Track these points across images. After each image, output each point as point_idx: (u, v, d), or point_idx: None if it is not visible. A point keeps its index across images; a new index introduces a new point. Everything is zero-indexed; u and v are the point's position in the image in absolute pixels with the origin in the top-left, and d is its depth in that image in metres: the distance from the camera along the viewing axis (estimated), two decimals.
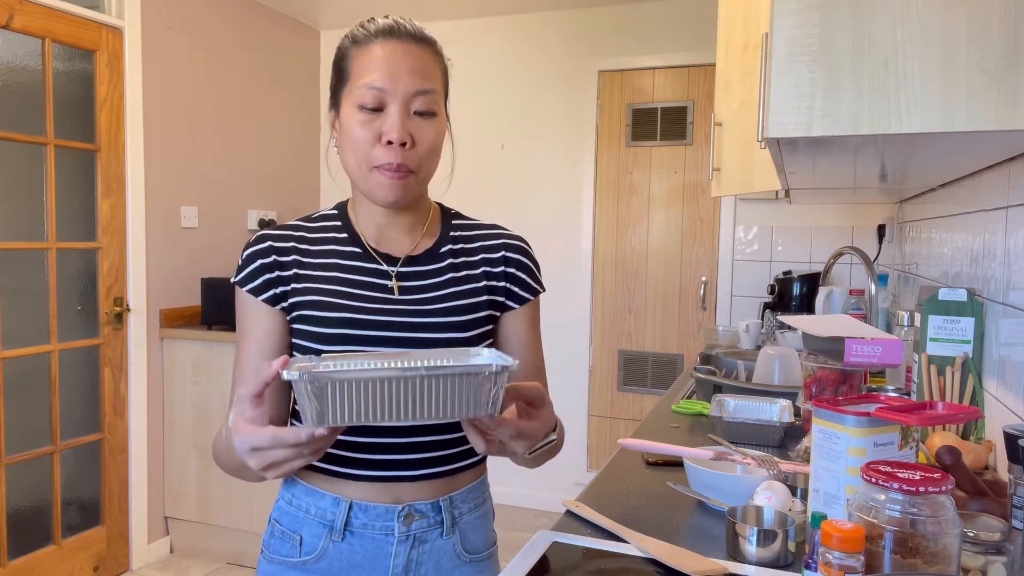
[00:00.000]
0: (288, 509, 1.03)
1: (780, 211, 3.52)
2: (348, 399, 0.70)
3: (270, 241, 1.01)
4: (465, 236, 1.09)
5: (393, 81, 0.93)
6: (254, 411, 0.78)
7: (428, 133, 0.96)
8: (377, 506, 0.99)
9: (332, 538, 0.99)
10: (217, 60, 3.49)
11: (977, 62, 0.89)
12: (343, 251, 1.02)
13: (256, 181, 3.77)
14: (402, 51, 0.94)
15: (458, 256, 1.06)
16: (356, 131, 0.95)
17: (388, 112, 0.94)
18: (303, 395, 0.70)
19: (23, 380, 2.73)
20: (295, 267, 1.00)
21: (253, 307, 1.00)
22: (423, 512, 1.00)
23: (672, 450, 1.30)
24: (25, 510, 2.75)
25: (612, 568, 0.96)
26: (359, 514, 0.99)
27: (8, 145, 2.66)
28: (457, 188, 4.05)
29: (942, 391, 1.42)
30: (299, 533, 1.01)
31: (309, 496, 1.01)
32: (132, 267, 3.09)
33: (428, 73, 0.96)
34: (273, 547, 1.03)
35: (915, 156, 1.28)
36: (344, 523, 0.98)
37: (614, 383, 3.86)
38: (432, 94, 0.96)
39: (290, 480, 1.04)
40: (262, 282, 1.00)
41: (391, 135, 0.93)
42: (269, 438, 0.76)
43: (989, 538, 0.88)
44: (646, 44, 3.69)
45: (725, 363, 2.43)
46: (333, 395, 0.70)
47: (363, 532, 0.99)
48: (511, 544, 3.62)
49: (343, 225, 1.05)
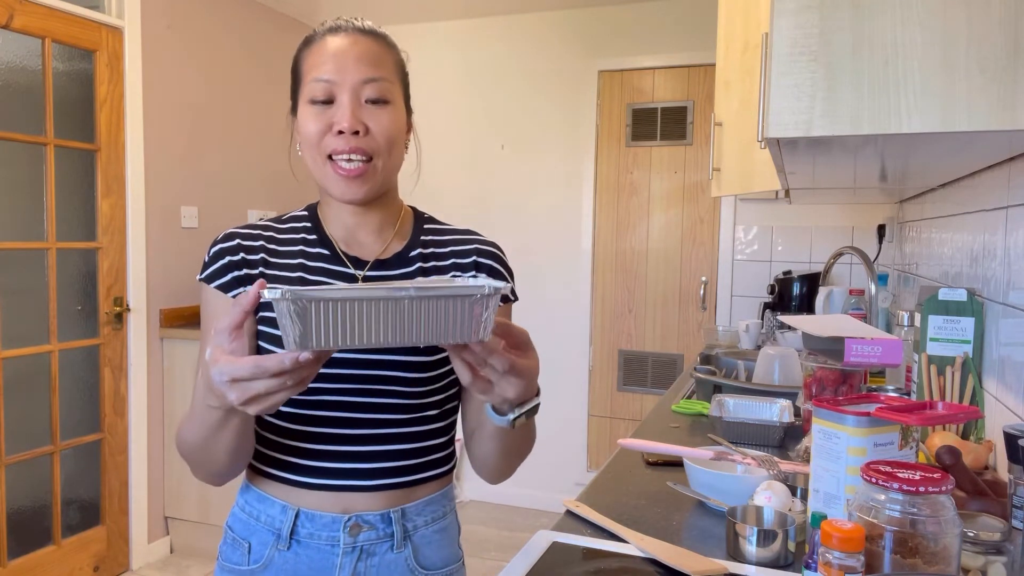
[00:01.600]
0: (240, 515, 1.01)
1: (780, 211, 3.52)
2: (333, 320, 0.66)
3: (238, 239, 0.99)
4: (437, 241, 1.05)
5: (341, 72, 0.92)
6: (232, 343, 0.73)
7: (382, 120, 0.94)
8: (324, 515, 0.95)
9: (278, 547, 0.96)
10: (217, 60, 3.49)
11: (977, 62, 0.89)
12: (311, 252, 1.00)
13: (256, 181, 3.77)
14: (349, 42, 0.94)
15: (428, 260, 1.02)
16: (309, 125, 0.93)
17: (338, 103, 0.93)
18: (285, 316, 0.65)
19: (23, 380, 2.73)
20: (262, 266, 0.98)
21: (221, 304, 0.97)
22: (371, 523, 0.96)
23: (672, 450, 1.30)
24: (25, 510, 2.75)
25: (612, 568, 0.96)
26: (305, 523, 0.96)
27: (8, 145, 2.66)
28: (457, 188, 4.06)
29: (942, 391, 1.42)
30: (248, 540, 0.99)
31: (260, 503, 0.98)
32: (132, 267, 3.09)
33: (377, 62, 0.95)
34: (225, 554, 1.01)
35: (915, 156, 1.28)
36: (290, 531, 0.96)
37: (614, 383, 3.86)
38: (382, 82, 0.94)
39: (245, 487, 1.02)
40: (231, 279, 0.97)
41: (341, 124, 0.92)
42: (250, 367, 0.70)
43: (989, 538, 0.88)
44: (646, 44, 3.69)
45: (725, 363, 2.43)
46: (317, 316, 0.66)
47: (308, 542, 0.96)
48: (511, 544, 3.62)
49: (312, 226, 1.03)
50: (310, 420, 0.95)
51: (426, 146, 4.02)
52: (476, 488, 4.06)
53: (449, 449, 1.05)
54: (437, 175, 4.06)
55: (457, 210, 4.04)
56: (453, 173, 4.05)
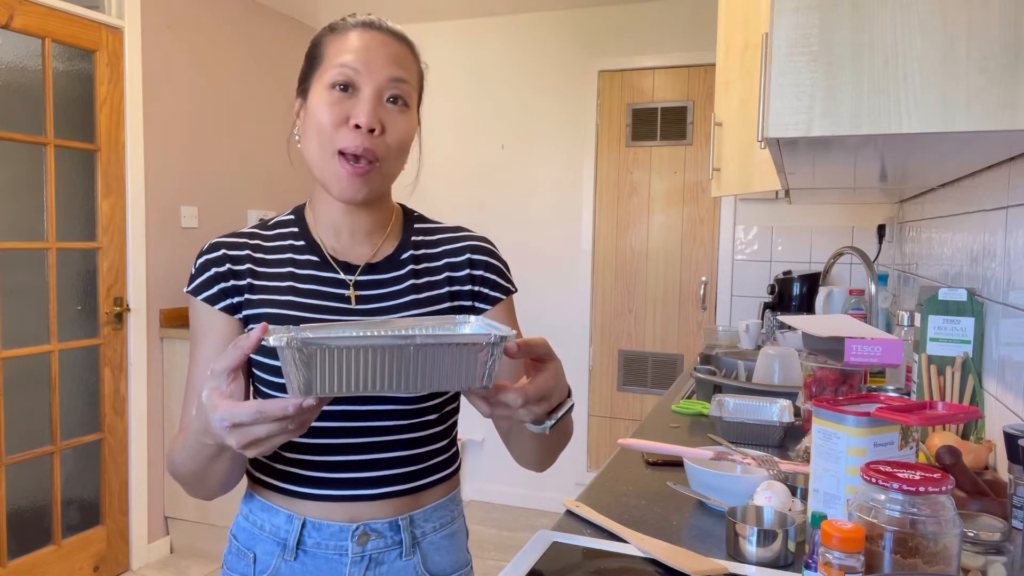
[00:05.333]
0: (244, 525, 0.99)
1: (780, 211, 3.52)
2: (338, 367, 0.66)
3: (224, 249, 0.97)
4: (428, 241, 1.03)
5: (368, 65, 0.90)
6: (230, 386, 0.72)
7: (399, 123, 0.92)
8: (331, 524, 0.94)
9: (285, 557, 0.95)
10: (217, 60, 3.49)
11: (977, 62, 0.89)
12: (299, 259, 0.98)
13: (256, 181, 3.77)
14: (380, 41, 0.92)
15: (420, 262, 1.00)
16: (323, 112, 0.90)
17: (360, 96, 0.90)
18: (289, 363, 0.65)
19: (23, 380, 2.73)
20: (249, 276, 0.96)
21: (208, 316, 0.96)
22: (379, 531, 0.95)
23: (672, 450, 1.30)
24: (25, 510, 2.75)
25: (612, 568, 0.96)
26: (312, 532, 0.94)
27: (8, 145, 2.66)
28: (457, 188, 4.06)
29: (942, 391, 1.42)
30: (253, 550, 0.97)
31: (265, 512, 0.97)
32: (132, 267, 3.09)
33: (404, 65, 0.94)
34: (230, 563, 1.00)
35: (915, 156, 1.28)
36: (297, 541, 0.94)
37: (614, 383, 3.86)
38: (407, 84, 0.93)
39: (248, 495, 1.01)
40: (218, 291, 0.95)
41: (360, 118, 0.89)
42: (252, 412, 0.69)
43: (989, 538, 0.88)
44: (646, 44, 3.70)
45: (725, 363, 2.43)
46: (322, 363, 0.66)
47: (316, 551, 0.94)
48: (511, 544, 3.62)
49: (300, 232, 1.00)
50: (313, 432, 0.94)
51: (426, 146, 4.02)
52: (476, 488, 4.06)
53: (452, 451, 1.04)
54: (437, 175, 4.06)
55: (457, 210, 4.04)
56: (453, 173, 4.05)
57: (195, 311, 0.97)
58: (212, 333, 0.95)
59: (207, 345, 0.95)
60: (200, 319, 0.97)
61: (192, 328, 0.98)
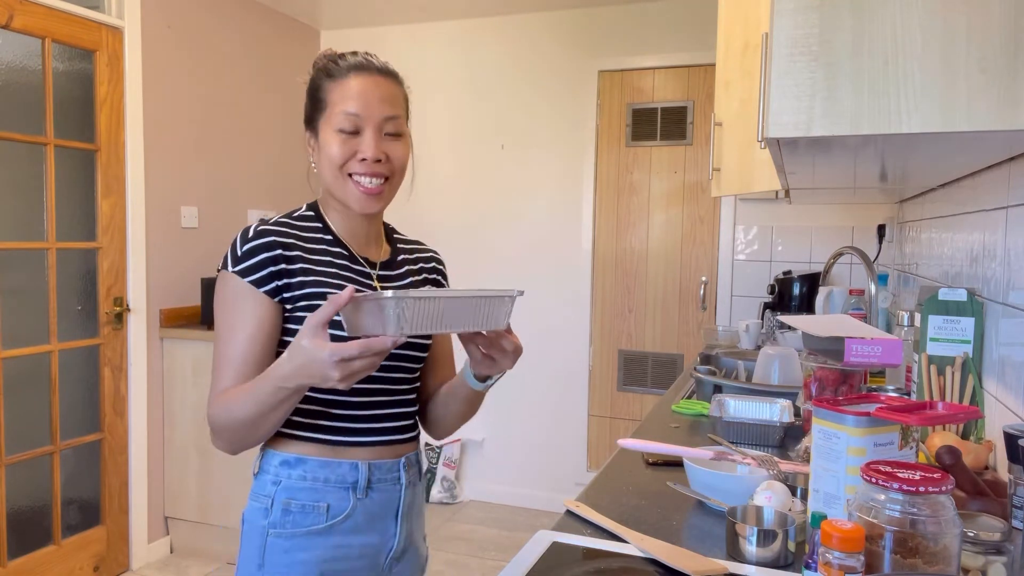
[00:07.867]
0: (304, 484, 1.12)
1: (780, 211, 3.52)
2: (422, 314, 0.89)
3: (273, 236, 1.11)
4: (406, 248, 1.29)
5: (367, 108, 1.11)
6: (324, 332, 0.92)
7: (398, 150, 1.14)
8: (387, 462, 1.16)
9: (357, 496, 1.13)
10: (217, 60, 3.49)
11: (977, 62, 0.89)
12: (332, 251, 1.16)
13: (256, 181, 3.77)
14: (373, 83, 1.12)
15: (414, 264, 1.27)
16: (335, 150, 1.11)
17: (364, 136, 1.11)
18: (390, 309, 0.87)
19: (23, 380, 2.73)
20: (300, 262, 1.11)
21: (251, 298, 1.08)
22: (413, 462, 1.22)
23: (672, 450, 1.30)
24: (25, 510, 2.75)
25: (612, 568, 0.96)
26: (375, 472, 1.15)
27: (8, 145, 2.66)
28: (457, 188, 4.06)
29: (942, 391, 1.42)
30: (325, 501, 1.12)
31: (324, 468, 1.12)
32: (132, 267, 3.09)
33: (395, 101, 1.14)
34: (292, 522, 1.11)
35: (915, 156, 1.28)
36: (367, 482, 1.14)
37: (614, 383, 3.86)
38: (399, 119, 1.14)
39: (291, 463, 1.13)
40: (266, 274, 1.08)
41: (367, 153, 1.10)
42: (358, 347, 0.89)
43: (989, 538, 0.88)
44: (646, 44, 3.70)
45: (725, 363, 2.43)
46: (413, 310, 0.88)
47: (379, 487, 1.15)
48: (511, 544, 3.62)
49: (324, 227, 1.18)
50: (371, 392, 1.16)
51: (427, 146, 4.03)
52: (476, 488, 4.06)
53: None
54: (437, 176, 4.06)
55: (457, 211, 4.04)
56: (453, 173, 4.05)
57: (236, 289, 1.09)
58: (252, 317, 1.09)
59: (244, 328, 1.08)
60: (240, 300, 1.09)
61: (226, 301, 1.10)
